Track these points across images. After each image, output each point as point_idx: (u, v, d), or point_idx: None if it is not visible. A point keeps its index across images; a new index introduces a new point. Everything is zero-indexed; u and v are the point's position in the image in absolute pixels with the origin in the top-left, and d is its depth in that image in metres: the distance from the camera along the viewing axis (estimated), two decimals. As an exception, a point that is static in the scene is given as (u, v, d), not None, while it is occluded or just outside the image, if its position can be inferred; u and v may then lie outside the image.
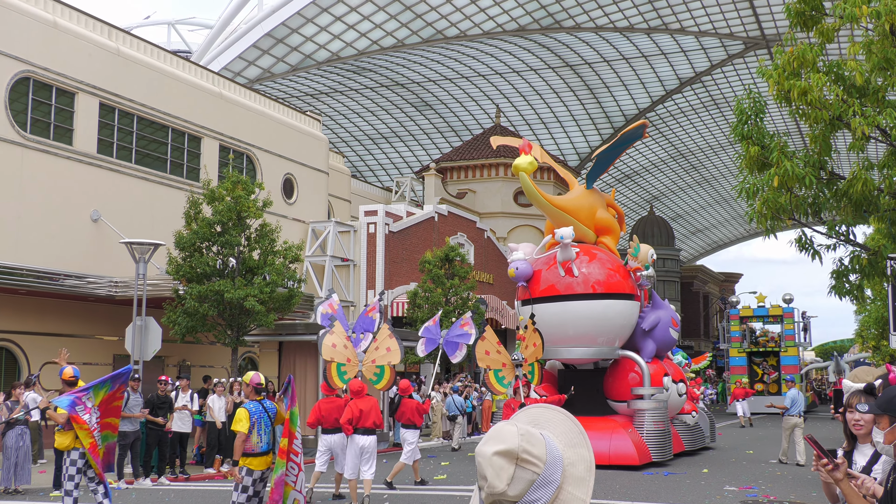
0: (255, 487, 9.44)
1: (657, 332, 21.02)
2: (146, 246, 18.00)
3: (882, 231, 17.90)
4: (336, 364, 15.81)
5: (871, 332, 52.45)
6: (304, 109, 38.71)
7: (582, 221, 20.31)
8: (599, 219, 20.90)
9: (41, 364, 22.18)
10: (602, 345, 19.78)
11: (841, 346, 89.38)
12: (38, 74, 22.28)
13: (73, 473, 10.26)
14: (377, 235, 34.13)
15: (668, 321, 21.31)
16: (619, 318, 19.63)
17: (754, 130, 16.41)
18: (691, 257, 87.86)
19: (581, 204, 20.74)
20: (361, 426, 13.33)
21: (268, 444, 9.46)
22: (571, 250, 19.29)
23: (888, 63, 14.79)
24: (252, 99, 30.98)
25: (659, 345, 21.20)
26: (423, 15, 44.14)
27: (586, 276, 19.42)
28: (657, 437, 18.90)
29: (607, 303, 19.38)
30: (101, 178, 24.02)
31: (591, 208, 20.86)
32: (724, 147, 63.01)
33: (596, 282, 19.39)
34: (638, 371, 19.83)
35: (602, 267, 19.71)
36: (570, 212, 20.19)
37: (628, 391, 19.88)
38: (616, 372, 20.46)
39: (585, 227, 20.44)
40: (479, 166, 48.19)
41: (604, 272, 19.58)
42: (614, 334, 19.80)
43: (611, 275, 19.60)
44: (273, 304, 21.00)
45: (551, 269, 19.66)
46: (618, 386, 20.22)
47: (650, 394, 19.40)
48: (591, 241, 20.70)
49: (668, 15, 45.95)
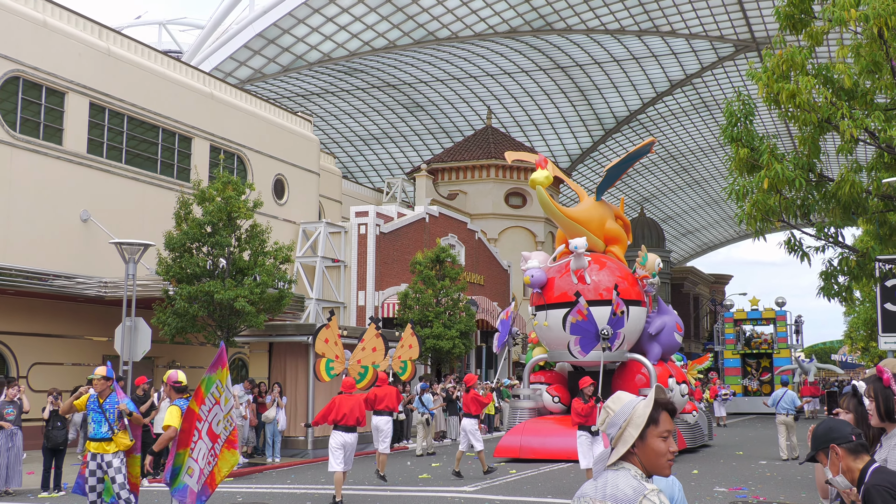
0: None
1: (663, 336, 22.23)
2: (136, 246, 17.94)
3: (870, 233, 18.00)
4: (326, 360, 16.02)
5: (860, 333, 52.77)
6: (295, 110, 38.70)
7: (593, 232, 21.61)
8: (609, 229, 22.27)
9: (29, 364, 22.12)
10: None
11: (830, 347, 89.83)
12: (28, 74, 22.21)
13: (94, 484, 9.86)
14: (368, 236, 34.13)
15: (673, 326, 22.53)
16: (627, 322, 20.59)
17: (744, 133, 16.48)
18: (682, 259, 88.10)
19: (592, 215, 22.04)
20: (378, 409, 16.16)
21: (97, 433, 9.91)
22: (584, 259, 20.64)
23: (876, 66, 14.87)
24: (243, 99, 30.94)
25: (664, 348, 22.38)
26: (415, 16, 44.17)
27: (597, 284, 20.76)
28: None
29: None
30: (90, 178, 23.96)
31: (601, 219, 22.21)
32: (714, 149, 63.22)
33: (605, 289, 20.60)
34: (645, 373, 21.05)
35: (611, 275, 21.07)
36: (582, 223, 21.52)
37: (636, 391, 20.22)
38: (624, 373, 21.54)
39: (596, 237, 21.76)
40: (470, 167, 48.25)
41: (613, 280, 20.83)
42: (622, 338, 20.70)
43: (620, 282, 20.77)
44: (263, 304, 20.97)
45: (564, 277, 20.96)
46: (626, 387, 20.83)
47: None
48: (600, 250, 21.98)
49: (659, 17, 46.09)
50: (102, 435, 9.92)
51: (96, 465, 9.87)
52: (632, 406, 3.33)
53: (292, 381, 21.73)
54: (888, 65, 14.93)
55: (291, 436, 21.30)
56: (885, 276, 17.68)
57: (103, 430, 9.92)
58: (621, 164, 22.39)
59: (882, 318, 18.37)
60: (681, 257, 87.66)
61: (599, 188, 22.68)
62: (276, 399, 20.71)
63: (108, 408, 10.04)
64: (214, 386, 8.74)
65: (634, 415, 3.30)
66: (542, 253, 22.82)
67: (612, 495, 3.18)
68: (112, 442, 9.91)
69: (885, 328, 18.39)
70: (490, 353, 42.56)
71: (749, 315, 46.63)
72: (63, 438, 15.14)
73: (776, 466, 19.10)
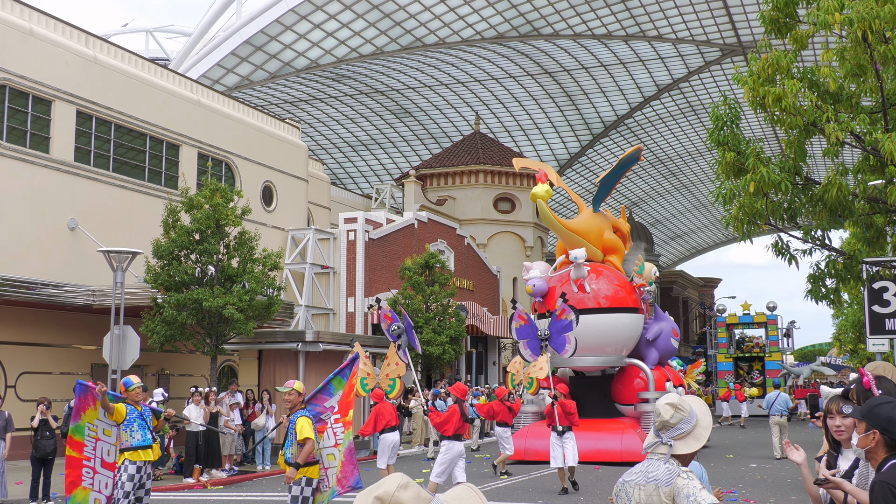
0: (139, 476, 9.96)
1: (660, 342, 23.38)
2: (124, 254, 17.87)
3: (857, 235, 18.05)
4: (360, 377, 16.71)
5: (849, 335, 53.09)
6: (283, 117, 38.67)
7: (592, 243, 22.59)
8: (607, 240, 23.27)
9: (17, 374, 21.99)
10: (610, 354, 22.04)
11: (819, 349, 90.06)
12: (15, 82, 22.12)
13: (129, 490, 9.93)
14: (357, 242, 34.10)
15: (669, 332, 23.65)
16: (625, 329, 21.92)
17: (730, 136, 16.52)
18: (670, 263, 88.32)
19: (590, 227, 23.05)
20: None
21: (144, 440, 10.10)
22: (584, 269, 21.59)
23: (861, 69, 14.94)
24: (231, 106, 30.89)
25: (661, 353, 23.50)
26: (402, 23, 44.21)
27: (596, 292, 21.74)
28: None
29: (615, 316, 21.67)
30: (78, 186, 23.87)
31: (599, 230, 23.21)
32: (701, 153, 63.46)
33: (605, 297, 21.73)
34: (643, 377, 22.03)
35: (610, 283, 22.07)
36: (581, 234, 22.49)
37: (635, 395, 22.13)
38: (623, 378, 22.53)
39: (595, 247, 22.73)
40: (458, 173, 48.27)
41: (612, 288, 21.95)
42: (621, 344, 22.04)
43: (618, 291, 21.96)
44: (252, 312, 20.91)
45: (565, 286, 21.72)
46: (625, 391, 22.33)
47: (655, 397, 21.23)
48: (599, 260, 22.89)
49: (646, 22, 46.27)
50: (147, 442, 10.19)
51: (136, 470, 10.04)
52: (696, 408, 3.89)
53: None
54: (872, 68, 15.01)
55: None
56: (873, 278, 17.77)
57: (147, 438, 10.20)
58: (612, 174, 23.16)
59: (870, 320, 18.46)
60: (669, 261, 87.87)
61: (595, 200, 23.54)
62: (266, 406, 20.64)
63: (147, 416, 10.35)
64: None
65: (702, 418, 3.89)
66: (544, 263, 23.54)
67: (655, 478, 3.79)
68: (151, 449, 10.23)
69: (872, 330, 18.47)
70: (480, 359, 42.57)
71: (741, 319, 47.49)
72: (52, 448, 15.03)
73: (766, 469, 19.15)
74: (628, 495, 3.87)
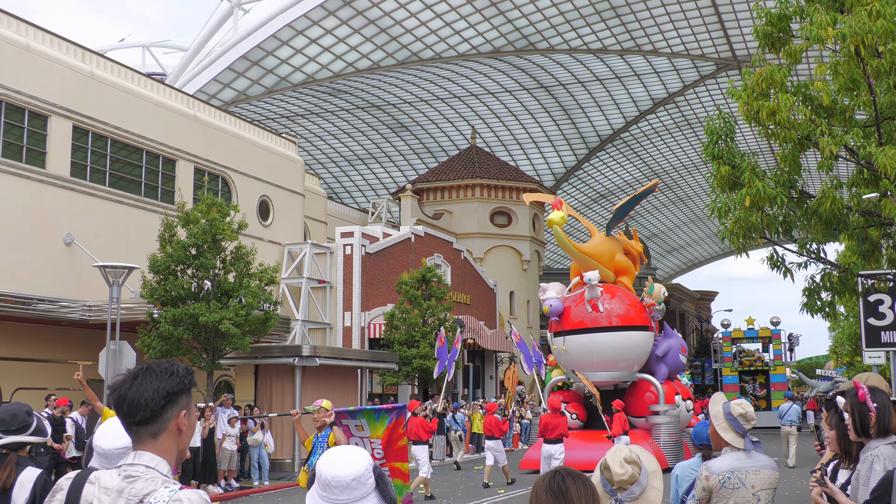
0: None
1: (669, 358, 24.61)
2: (120, 269, 17.87)
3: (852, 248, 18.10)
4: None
5: (846, 348, 53.19)
6: (279, 131, 38.73)
7: (604, 265, 24.11)
8: (618, 262, 24.74)
9: (13, 389, 21.93)
10: (623, 369, 23.45)
11: (816, 362, 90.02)
12: (11, 97, 22.16)
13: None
14: (353, 257, 34.09)
15: (678, 348, 24.99)
16: (636, 346, 23.37)
17: (725, 150, 16.56)
18: (667, 276, 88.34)
19: (603, 250, 24.62)
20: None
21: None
22: (597, 290, 22.98)
23: (854, 83, 14.99)
24: (227, 121, 30.94)
25: (671, 368, 24.78)
26: (398, 37, 44.37)
27: (609, 312, 23.14)
28: (672, 447, 22.33)
29: (627, 334, 23.12)
30: (74, 201, 23.87)
31: (611, 253, 24.72)
32: (697, 166, 63.62)
33: (617, 316, 23.16)
34: (653, 391, 23.56)
35: (622, 303, 23.56)
36: (594, 257, 24.07)
37: (646, 408, 23.53)
38: (634, 392, 23.96)
39: (607, 269, 24.20)
40: (455, 187, 48.31)
41: (623, 307, 23.42)
42: (633, 360, 23.44)
43: (629, 310, 23.47)
44: (249, 326, 20.90)
45: (579, 306, 23.34)
46: (636, 404, 23.58)
47: (664, 410, 23.09)
48: (611, 281, 24.31)
49: (641, 37, 46.48)
50: None
51: None
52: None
53: (279, 402, 21.63)
54: (865, 82, 15.08)
55: (279, 458, 21.18)
56: (868, 291, 17.79)
57: None
58: (628, 204, 25.08)
59: (866, 333, 18.47)
60: (666, 274, 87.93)
61: (608, 225, 25.23)
62: (264, 422, 20.59)
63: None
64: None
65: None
66: (559, 284, 25.05)
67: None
68: None
69: (868, 343, 18.48)
70: (477, 373, 42.50)
71: (746, 334, 48.28)
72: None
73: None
74: None
